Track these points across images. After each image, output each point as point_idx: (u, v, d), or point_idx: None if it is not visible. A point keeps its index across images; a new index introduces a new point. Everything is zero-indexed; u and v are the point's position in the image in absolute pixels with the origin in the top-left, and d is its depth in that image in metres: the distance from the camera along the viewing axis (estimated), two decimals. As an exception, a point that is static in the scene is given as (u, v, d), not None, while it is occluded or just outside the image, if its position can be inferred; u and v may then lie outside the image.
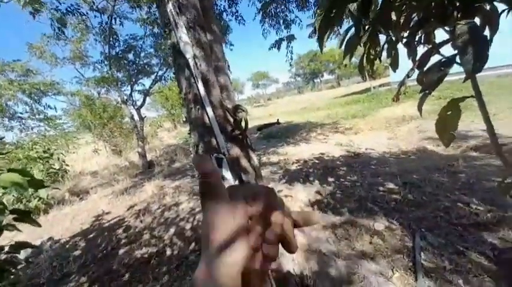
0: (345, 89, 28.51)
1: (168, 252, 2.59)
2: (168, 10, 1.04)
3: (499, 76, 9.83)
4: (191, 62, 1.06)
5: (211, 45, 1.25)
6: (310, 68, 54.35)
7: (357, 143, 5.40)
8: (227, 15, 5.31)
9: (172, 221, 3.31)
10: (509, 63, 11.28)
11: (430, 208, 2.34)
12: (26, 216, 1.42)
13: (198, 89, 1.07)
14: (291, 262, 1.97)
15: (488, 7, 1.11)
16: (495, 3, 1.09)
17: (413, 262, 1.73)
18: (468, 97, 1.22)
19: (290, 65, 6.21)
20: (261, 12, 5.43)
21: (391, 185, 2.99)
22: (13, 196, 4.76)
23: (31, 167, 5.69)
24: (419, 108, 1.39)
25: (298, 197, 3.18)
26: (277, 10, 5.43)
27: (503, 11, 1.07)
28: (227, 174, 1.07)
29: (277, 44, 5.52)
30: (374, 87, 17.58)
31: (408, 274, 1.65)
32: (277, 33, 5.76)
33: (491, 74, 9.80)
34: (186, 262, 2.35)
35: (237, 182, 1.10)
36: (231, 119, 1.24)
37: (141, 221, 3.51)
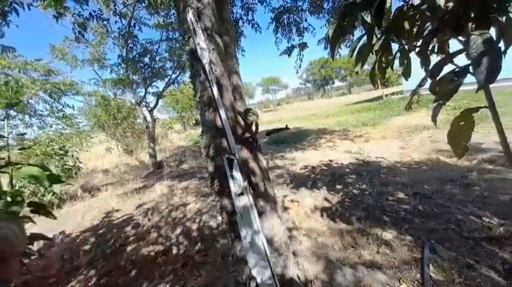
0: (356, 97, 28.21)
1: (174, 251, 2.63)
2: (188, 18, 1.10)
3: (518, 87, 9.50)
4: (207, 67, 1.11)
5: (226, 50, 1.30)
6: (321, 74, 54.22)
7: (367, 151, 5.33)
8: (243, 22, 5.43)
9: (180, 221, 3.36)
10: (530, 74, 10.86)
11: (441, 219, 2.29)
12: (41, 208, 1.50)
13: (213, 93, 1.11)
14: (296, 268, 1.97)
15: (503, 18, 1.11)
16: (510, 14, 1.09)
17: (422, 273, 1.69)
18: (482, 107, 1.21)
19: (297, 72, 6.27)
20: (274, 22, 5.53)
21: (401, 195, 2.94)
22: (28, 190, 4.97)
23: (47, 163, 5.92)
24: (434, 119, 1.38)
25: (304, 203, 3.17)
26: (290, 20, 5.51)
27: (519, 22, 1.07)
28: (237, 174, 1.11)
29: (288, 51, 5.59)
30: (386, 96, 17.34)
31: (416, 286, 1.62)
32: (288, 42, 5.84)
33: (509, 85, 9.48)
34: (191, 262, 2.38)
35: (246, 183, 1.13)
36: (242, 122, 1.28)
37: (149, 220, 3.58)
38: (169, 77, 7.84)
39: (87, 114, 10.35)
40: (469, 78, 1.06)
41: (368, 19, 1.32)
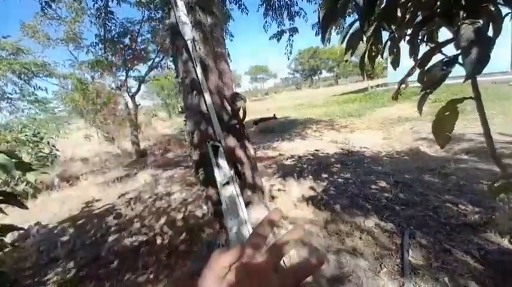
0: (343, 88, 28.56)
1: (159, 241, 2.58)
2: (168, -12, 0.99)
3: (493, 82, 9.99)
4: (190, 45, 1.01)
5: (212, 30, 1.20)
6: (309, 64, 54.14)
7: (352, 142, 5.44)
8: (230, 3, 5.17)
9: (164, 210, 3.29)
10: (504, 70, 11.47)
11: (420, 207, 2.38)
12: (11, 198, 1.37)
13: (196, 74, 1.03)
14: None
15: (493, 8, 1.10)
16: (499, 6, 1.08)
17: (401, 258, 1.76)
18: (467, 98, 1.22)
19: (288, 58, 6.16)
20: (264, 4, 5.32)
21: (383, 184, 3.03)
22: (0, 179, 4.65)
23: (19, 150, 5.54)
24: (420, 108, 1.38)
25: (291, 192, 3.19)
26: (281, 2, 5.32)
27: (507, 14, 1.06)
28: (223, 163, 1.05)
29: (278, 35, 5.45)
30: (371, 87, 17.65)
31: (396, 270, 1.68)
32: (278, 26, 5.67)
33: (486, 80, 9.94)
34: (177, 252, 2.34)
35: (232, 173, 1.08)
36: (229, 108, 1.21)
37: (132, 210, 3.48)
38: (152, 60, 7.45)
39: (63, 99, 9.71)
40: (451, 72, 1.05)
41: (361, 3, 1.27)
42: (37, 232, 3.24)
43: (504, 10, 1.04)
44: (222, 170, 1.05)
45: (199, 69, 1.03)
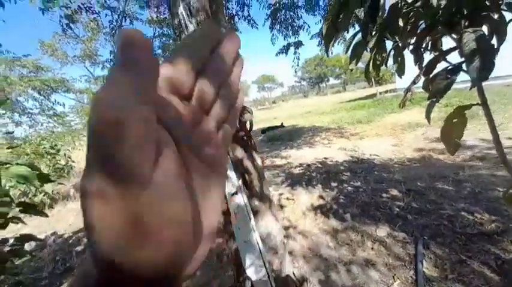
0: (351, 94, 28.41)
1: (169, 251, 2.61)
2: (179, 12, 1.07)
3: (508, 85, 9.69)
4: (199, 63, 1.07)
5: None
6: (316, 72, 54.37)
7: (361, 149, 5.37)
8: (239, 18, 5.38)
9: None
10: (519, 72, 11.12)
11: (434, 216, 2.32)
12: (31, 208, 1.45)
13: (205, 90, 1.09)
14: (291, 266, 1.97)
15: (496, 16, 1.11)
16: (503, 12, 1.09)
17: (415, 270, 1.71)
18: (474, 105, 1.22)
19: (295, 71, 6.30)
20: (270, 19, 5.49)
21: (394, 192, 2.97)
22: (19, 190, 4.86)
23: (38, 162, 5.80)
24: (428, 116, 1.39)
25: (300, 201, 3.18)
26: (286, 17, 5.48)
27: (511, 20, 1.07)
28: (231, 173, 1.09)
29: (284, 50, 5.58)
30: (380, 93, 17.50)
31: (409, 282, 1.64)
32: (285, 39, 5.82)
33: (500, 83, 9.67)
34: (187, 261, 2.36)
35: (240, 182, 1.11)
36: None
37: (143, 219, 3.54)
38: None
39: (79, 112, 10.16)
40: (461, 77, 1.06)
41: (362, 16, 1.31)
42: (53, 241, 3.35)
43: (508, 16, 1.05)
44: (230, 180, 1.09)
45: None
